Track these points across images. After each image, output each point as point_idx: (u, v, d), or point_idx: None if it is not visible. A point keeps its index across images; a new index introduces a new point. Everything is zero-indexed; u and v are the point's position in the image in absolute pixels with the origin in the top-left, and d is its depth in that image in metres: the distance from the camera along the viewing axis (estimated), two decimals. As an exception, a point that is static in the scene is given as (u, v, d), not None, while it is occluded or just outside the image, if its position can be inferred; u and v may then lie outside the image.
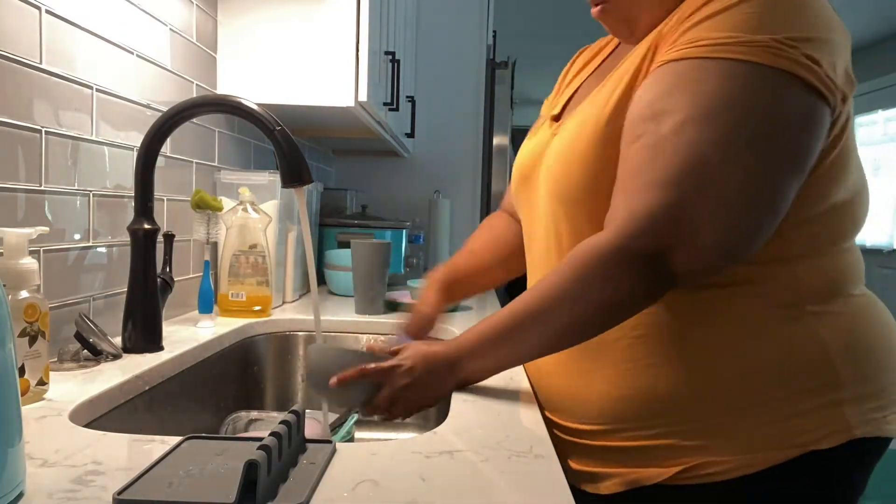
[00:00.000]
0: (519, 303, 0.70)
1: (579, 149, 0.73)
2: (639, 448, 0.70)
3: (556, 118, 0.86)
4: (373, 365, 0.72)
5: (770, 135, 0.61)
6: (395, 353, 0.76)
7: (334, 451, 0.56)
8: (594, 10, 0.79)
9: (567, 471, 0.63)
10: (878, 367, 0.69)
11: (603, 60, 0.89)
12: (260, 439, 0.49)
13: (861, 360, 0.68)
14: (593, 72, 0.88)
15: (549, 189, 0.79)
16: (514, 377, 0.87)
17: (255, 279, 1.25)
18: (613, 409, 0.72)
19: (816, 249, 0.69)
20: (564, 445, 0.77)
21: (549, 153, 0.81)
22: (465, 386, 0.77)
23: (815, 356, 0.66)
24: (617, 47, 0.88)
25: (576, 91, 0.88)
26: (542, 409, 0.76)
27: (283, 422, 0.52)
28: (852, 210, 0.71)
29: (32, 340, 0.68)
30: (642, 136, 0.63)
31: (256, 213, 1.24)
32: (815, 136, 0.62)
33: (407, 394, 0.72)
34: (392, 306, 1.43)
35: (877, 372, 0.68)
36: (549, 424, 0.74)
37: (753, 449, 0.65)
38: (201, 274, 1.29)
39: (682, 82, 0.62)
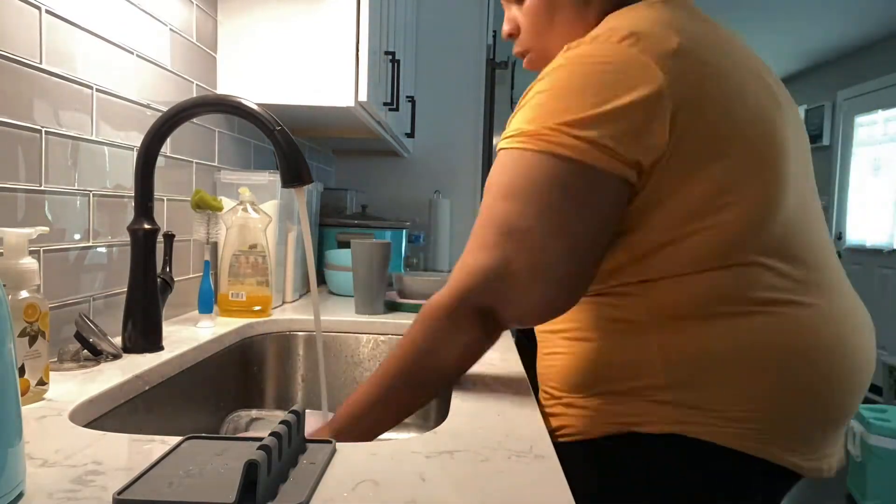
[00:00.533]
0: (381, 367, 0.79)
1: None
2: (545, 412, 0.86)
3: None
4: None
5: (553, 204, 0.72)
6: None
7: (334, 451, 0.56)
8: (524, 64, 0.93)
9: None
10: (710, 383, 0.75)
11: None
12: (260, 439, 0.49)
13: (692, 372, 0.75)
14: None
15: None
16: (514, 377, 0.87)
17: (255, 279, 1.25)
18: (546, 382, 0.88)
19: (659, 279, 0.76)
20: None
21: None
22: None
23: (644, 363, 0.77)
24: None
25: None
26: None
27: (283, 422, 0.52)
28: (708, 234, 0.74)
29: (32, 340, 0.68)
30: (482, 204, 0.78)
31: (256, 213, 1.24)
32: (593, 203, 0.72)
33: None
34: (392, 306, 1.43)
35: (705, 384, 0.75)
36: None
37: (593, 421, 0.79)
38: (201, 274, 1.29)
39: (495, 166, 0.77)
